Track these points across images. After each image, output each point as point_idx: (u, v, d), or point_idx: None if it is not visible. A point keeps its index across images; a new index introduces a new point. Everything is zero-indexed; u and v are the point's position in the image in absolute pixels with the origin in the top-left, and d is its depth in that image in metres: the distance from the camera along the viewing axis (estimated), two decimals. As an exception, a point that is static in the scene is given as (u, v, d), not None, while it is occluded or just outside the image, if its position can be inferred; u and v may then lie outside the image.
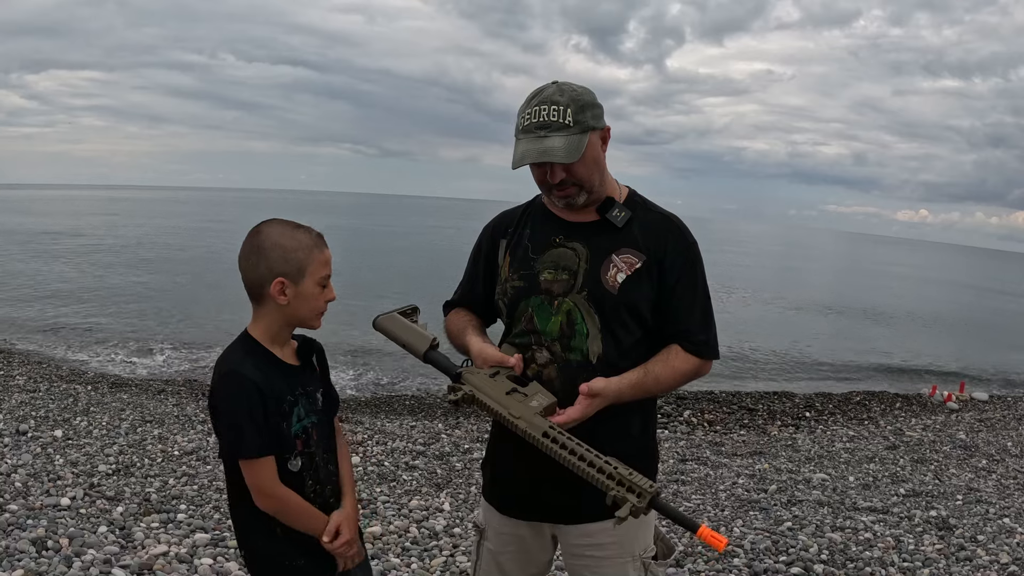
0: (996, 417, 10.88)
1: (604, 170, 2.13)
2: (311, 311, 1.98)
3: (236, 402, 1.87)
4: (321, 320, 2.02)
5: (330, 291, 2.00)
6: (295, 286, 1.92)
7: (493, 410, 1.96)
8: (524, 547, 2.25)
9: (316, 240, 1.96)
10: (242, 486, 1.95)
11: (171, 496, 4.98)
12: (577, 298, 2.08)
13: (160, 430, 6.74)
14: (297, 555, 1.98)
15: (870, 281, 46.27)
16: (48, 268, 23.71)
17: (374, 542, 4.48)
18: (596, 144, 2.07)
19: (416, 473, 6.00)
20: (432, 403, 10.01)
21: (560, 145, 1.99)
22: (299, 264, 1.92)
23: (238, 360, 1.92)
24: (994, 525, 5.57)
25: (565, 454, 1.81)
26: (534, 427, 1.88)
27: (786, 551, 4.75)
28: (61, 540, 4.10)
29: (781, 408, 10.88)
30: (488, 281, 2.30)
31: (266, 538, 1.97)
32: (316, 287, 1.95)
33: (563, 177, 2.04)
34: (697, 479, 6.52)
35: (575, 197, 2.09)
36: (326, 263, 1.97)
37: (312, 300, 1.96)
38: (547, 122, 2.00)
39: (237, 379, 1.88)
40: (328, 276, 1.98)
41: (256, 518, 1.95)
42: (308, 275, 1.92)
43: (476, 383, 2.00)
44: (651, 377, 2.06)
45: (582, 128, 2.01)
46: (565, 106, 2.01)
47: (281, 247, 1.91)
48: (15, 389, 8.36)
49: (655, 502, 1.74)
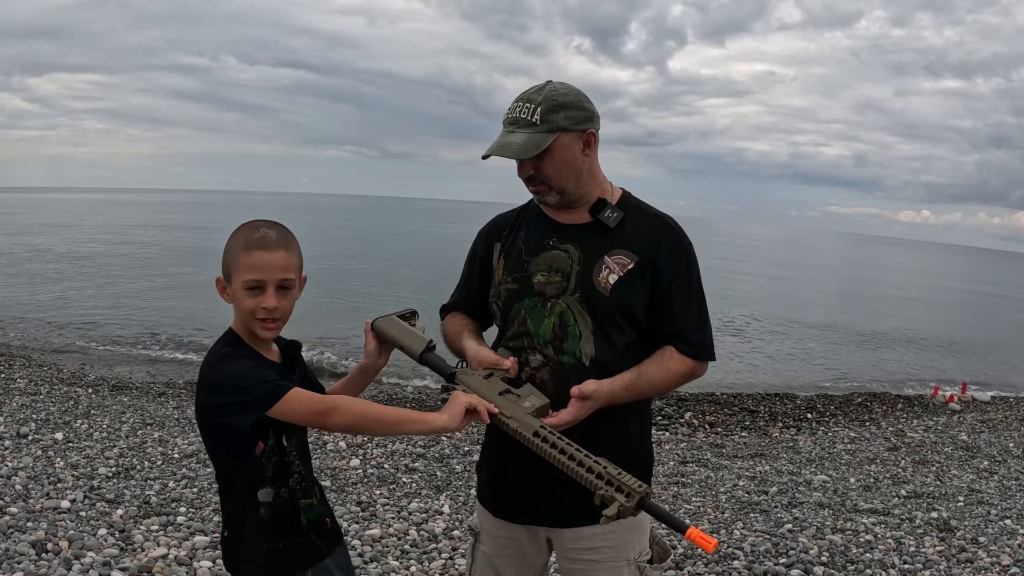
0: (998, 418, 10.86)
1: (582, 174, 2.11)
2: (244, 315, 1.90)
3: (234, 366, 1.84)
4: (268, 329, 1.91)
5: (265, 297, 1.87)
6: (230, 286, 1.90)
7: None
8: (519, 550, 2.25)
9: (251, 242, 1.87)
10: (227, 472, 1.94)
11: (171, 499, 4.99)
12: (570, 300, 2.08)
13: (160, 433, 6.75)
14: (276, 537, 1.95)
15: (871, 283, 46.20)
16: (49, 270, 23.73)
17: (373, 544, 4.48)
18: (569, 146, 2.06)
19: (416, 475, 5.99)
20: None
21: (519, 141, 2.02)
22: (227, 265, 1.90)
23: (223, 350, 1.91)
24: (996, 526, 5.56)
25: (555, 453, 1.82)
26: (525, 426, 1.88)
27: (786, 553, 4.75)
28: (61, 543, 4.11)
29: (782, 410, 10.86)
30: (483, 284, 2.30)
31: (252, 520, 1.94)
32: (241, 291, 1.87)
33: (531, 173, 2.08)
34: (698, 481, 6.51)
35: (545, 195, 2.12)
36: (253, 267, 1.85)
37: (240, 304, 1.88)
38: (517, 118, 2.05)
39: (231, 356, 1.87)
40: (258, 281, 1.86)
41: (242, 503, 1.93)
42: (234, 276, 1.88)
43: (470, 384, 2.01)
44: (645, 379, 2.06)
45: (549, 128, 2.02)
46: (537, 104, 2.03)
47: (226, 248, 1.91)
48: (16, 392, 8.37)
49: (644, 503, 1.73)
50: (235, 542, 1.98)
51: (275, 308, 1.88)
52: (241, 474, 1.92)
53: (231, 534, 1.99)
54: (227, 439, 1.90)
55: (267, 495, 1.93)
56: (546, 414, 1.96)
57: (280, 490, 1.94)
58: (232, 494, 1.97)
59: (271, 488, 1.93)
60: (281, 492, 1.95)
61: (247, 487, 1.93)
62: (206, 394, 1.90)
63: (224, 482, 1.99)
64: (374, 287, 23.91)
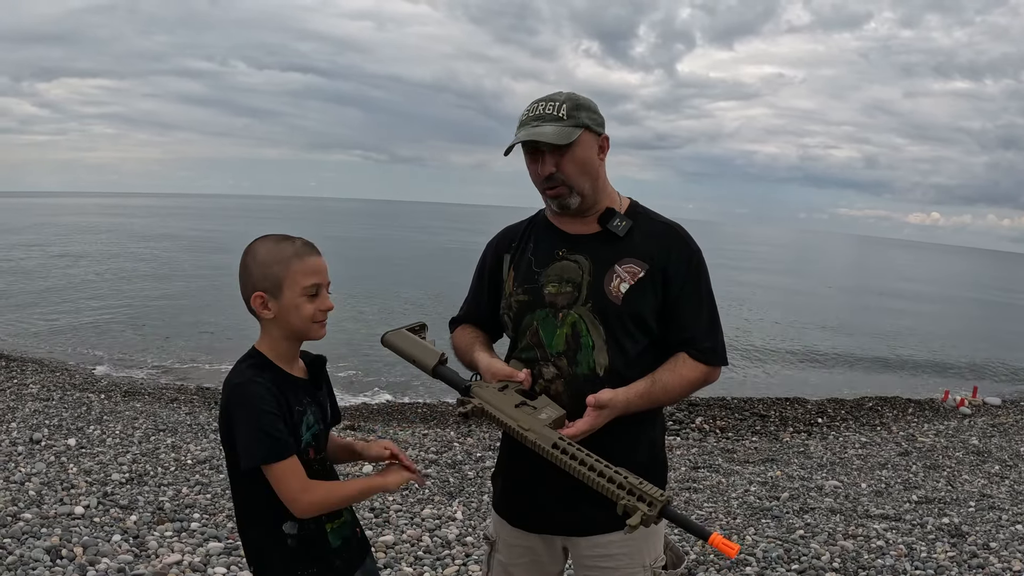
0: (1009, 422, 10.81)
1: (598, 178, 2.15)
2: (301, 322, 1.94)
3: (252, 409, 1.86)
4: (323, 329, 1.99)
5: (323, 300, 1.96)
6: (276, 300, 1.92)
7: (503, 422, 1.97)
8: (535, 559, 2.26)
9: (298, 250, 1.94)
10: (252, 504, 1.94)
11: (184, 505, 5.01)
12: (582, 310, 2.09)
13: (173, 439, 6.78)
14: (309, 564, 1.97)
15: (881, 286, 46.04)
16: (61, 275, 23.86)
17: (387, 551, 4.49)
18: (589, 146, 2.10)
19: (428, 481, 6.00)
20: (444, 411, 10.01)
21: (550, 131, 2.04)
22: (276, 278, 1.91)
23: (245, 372, 1.93)
24: (1007, 532, 5.54)
25: (575, 464, 1.83)
26: (544, 439, 1.89)
27: (798, 559, 4.74)
28: (75, 549, 4.12)
29: (793, 414, 10.85)
30: (493, 297, 2.31)
31: (279, 552, 1.95)
32: (299, 298, 1.92)
33: (552, 171, 2.07)
34: (709, 487, 6.51)
35: (566, 198, 2.11)
36: (310, 272, 1.93)
37: (297, 311, 1.92)
38: (542, 115, 2.07)
39: (251, 387, 1.88)
40: (317, 285, 1.94)
41: (270, 538, 1.94)
42: (287, 287, 1.91)
43: (485, 396, 2.02)
44: (659, 386, 2.07)
45: (575, 123, 2.06)
46: (561, 102, 2.08)
47: (261, 263, 1.93)
48: (28, 398, 8.42)
49: (666, 511, 1.75)
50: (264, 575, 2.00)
51: (332, 307, 1.99)
52: (261, 505, 1.92)
53: (258, 569, 2.00)
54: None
55: (292, 527, 1.94)
56: (562, 425, 1.97)
57: (306, 520, 1.95)
58: (253, 527, 1.97)
59: (294, 521, 1.94)
60: (307, 523, 1.96)
61: (271, 520, 1.93)
62: (221, 419, 1.94)
63: (244, 515, 1.99)
64: (384, 292, 23.94)
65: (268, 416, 1.85)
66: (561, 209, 2.16)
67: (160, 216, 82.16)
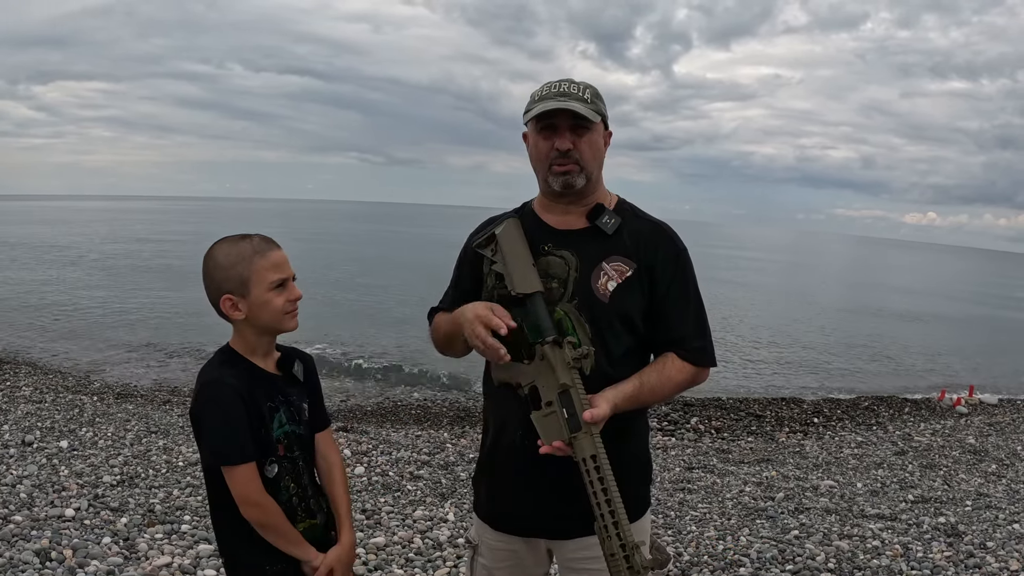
0: (1006, 421, 10.81)
1: (601, 167, 2.14)
2: (273, 316, 1.96)
3: (218, 409, 1.89)
4: (295, 320, 2.00)
5: (291, 291, 1.98)
6: (245, 299, 1.94)
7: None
8: (519, 562, 2.22)
9: (257, 247, 1.95)
10: (223, 493, 1.95)
11: (175, 507, 4.98)
12: (568, 307, 2.04)
13: (165, 441, 6.74)
14: (277, 560, 1.98)
15: (877, 286, 46.11)
16: (55, 278, 23.82)
17: (377, 553, 4.47)
18: (601, 133, 2.10)
19: (421, 483, 5.98)
20: (438, 412, 9.99)
21: (580, 107, 2.01)
22: (241, 277, 1.93)
23: (217, 370, 1.95)
24: (1004, 531, 5.52)
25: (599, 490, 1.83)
26: (581, 448, 1.86)
27: (793, 560, 4.72)
28: (65, 551, 4.10)
29: (789, 414, 10.83)
30: (474, 288, 2.24)
31: (247, 544, 1.97)
32: (267, 293, 1.94)
33: (569, 147, 2.03)
34: (704, 487, 6.49)
35: (574, 176, 2.06)
36: (274, 267, 1.95)
37: (268, 306, 1.94)
38: (567, 92, 2.05)
39: (218, 387, 1.91)
40: (282, 278, 1.96)
41: (238, 523, 1.96)
42: (253, 285, 1.93)
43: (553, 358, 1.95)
44: (647, 388, 2.03)
45: (596, 109, 2.05)
46: (585, 87, 2.07)
47: (223, 266, 1.94)
48: (21, 399, 8.38)
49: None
50: (235, 567, 2.00)
51: (300, 295, 2.00)
52: (231, 498, 1.94)
53: (228, 561, 2.03)
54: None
55: None
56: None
57: None
58: (223, 520, 1.99)
59: None
60: None
61: (241, 515, 1.94)
62: (190, 413, 1.98)
63: (215, 507, 2.01)
64: (377, 294, 23.93)
65: (232, 420, 1.88)
66: (564, 188, 2.08)
67: (157, 219, 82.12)
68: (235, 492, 1.91)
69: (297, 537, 1.99)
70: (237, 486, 1.90)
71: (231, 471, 1.89)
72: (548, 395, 1.92)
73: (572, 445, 1.86)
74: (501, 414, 2.13)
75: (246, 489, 1.90)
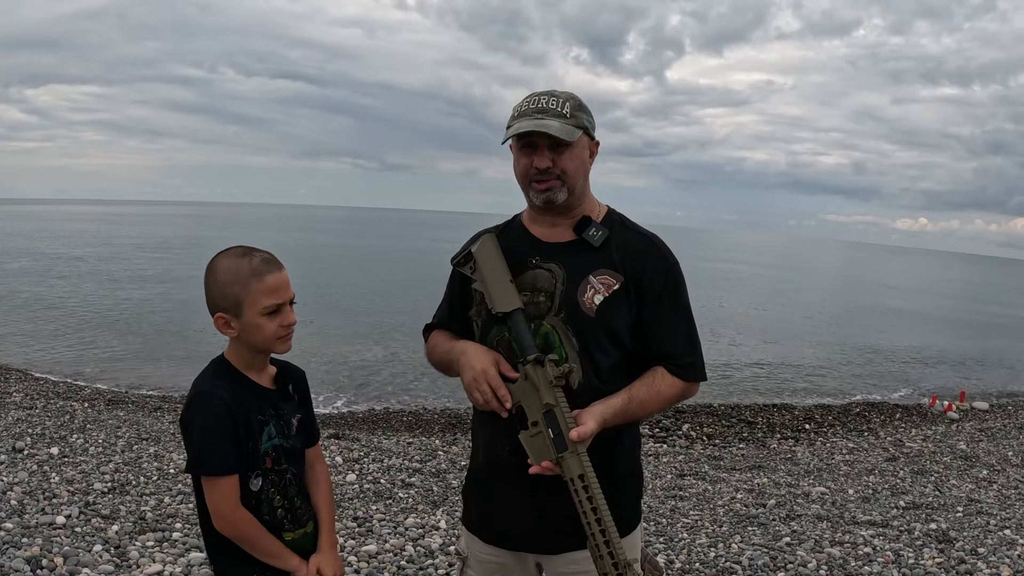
0: (997, 427, 10.85)
1: (587, 181, 2.11)
2: (264, 340, 1.94)
3: (205, 420, 1.88)
4: (288, 344, 1.98)
5: (285, 316, 1.94)
6: (238, 319, 1.91)
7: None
8: (508, 575, 2.22)
9: (256, 269, 1.90)
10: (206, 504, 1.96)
11: (167, 515, 4.96)
12: (555, 321, 2.02)
13: (156, 448, 6.72)
14: (265, 569, 1.98)
15: (868, 292, 46.23)
16: (46, 283, 23.71)
17: (369, 560, 4.46)
18: (585, 147, 2.07)
19: (412, 491, 5.97)
20: (429, 420, 9.98)
21: (556, 125, 1.98)
22: (235, 298, 1.90)
23: (210, 381, 1.94)
24: (995, 537, 5.54)
25: (589, 509, 1.84)
26: (569, 468, 1.87)
27: (785, 567, 4.73)
28: (56, 559, 4.07)
29: (780, 421, 10.86)
30: (465, 303, 2.21)
31: (235, 553, 1.96)
32: (260, 317, 1.90)
33: (548, 165, 2.01)
34: (695, 494, 6.49)
35: (556, 191, 2.04)
36: (269, 292, 1.90)
37: (259, 330, 1.92)
38: (545, 108, 2.01)
39: (207, 398, 1.89)
40: (276, 304, 1.91)
41: (223, 538, 1.95)
42: (247, 307, 1.90)
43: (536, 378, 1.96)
44: (636, 403, 2.01)
45: (576, 123, 2.02)
46: (564, 100, 2.03)
47: (220, 283, 1.91)
48: (11, 406, 8.34)
49: None
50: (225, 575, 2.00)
51: (295, 321, 1.97)
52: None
53: (217, 568, 2.02)
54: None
55: None
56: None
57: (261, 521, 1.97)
58: (212, 527, 1.98)
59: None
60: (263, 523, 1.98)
61: None
62: (180, 421, 1.97)
63: (204, 513, 1.99)
64: (371, 303, 23.89)
65: (217, 432, 1.87)
66: (545, 204, 2.07)
67: (148, 223, 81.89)
68: (209, 503, 1.91)
69: (278, 549, 1.98)
70: (213, 497, 1.90)
71: (210, 482, 1.89)
72: (533, 415, 1.92)
73: (560, 465, 1.87)
74: (489, 431, 2.12)
75: (220, 502, 1.90)
